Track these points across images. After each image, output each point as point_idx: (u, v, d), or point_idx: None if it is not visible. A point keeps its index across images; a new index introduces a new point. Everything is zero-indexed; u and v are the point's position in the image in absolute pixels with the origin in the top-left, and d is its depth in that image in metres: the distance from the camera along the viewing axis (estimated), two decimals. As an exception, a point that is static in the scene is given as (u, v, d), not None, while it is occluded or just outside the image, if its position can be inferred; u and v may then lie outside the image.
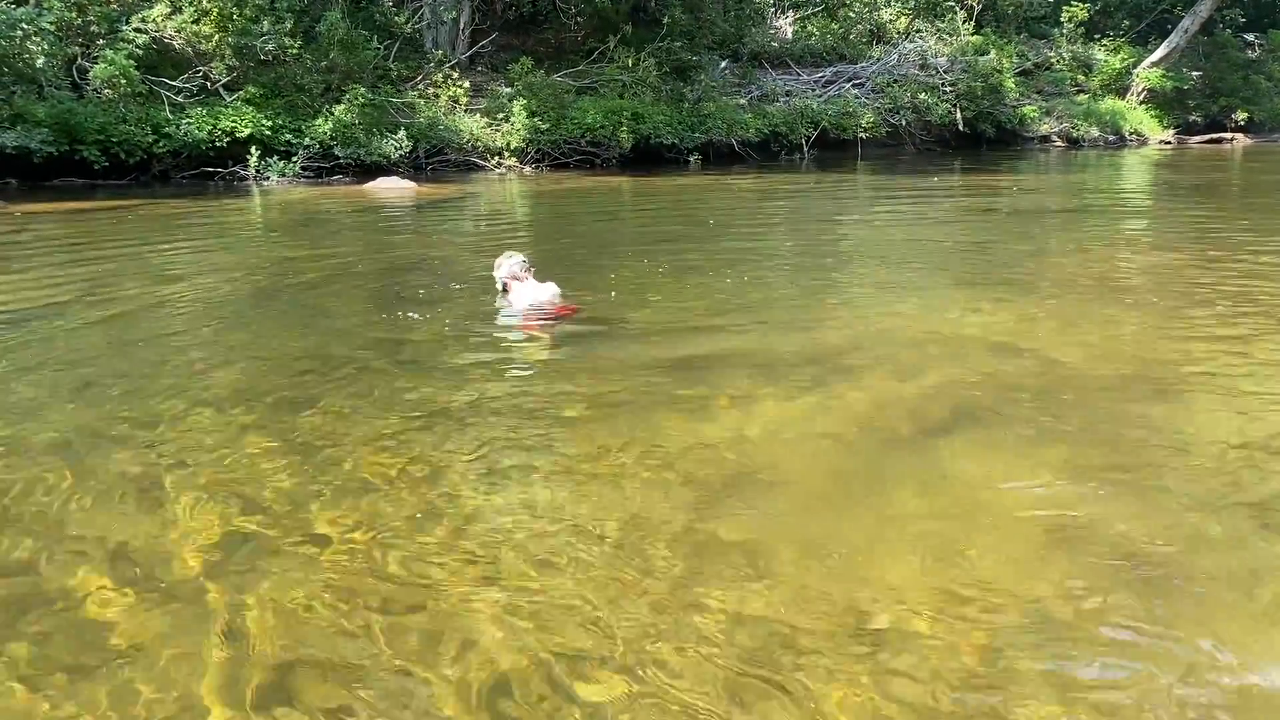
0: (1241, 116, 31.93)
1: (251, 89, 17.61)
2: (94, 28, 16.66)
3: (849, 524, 3.32)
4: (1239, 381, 4.92)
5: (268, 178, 17.22)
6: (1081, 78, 30.51)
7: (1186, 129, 30.91)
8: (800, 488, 3.63)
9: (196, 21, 17.60)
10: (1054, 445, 4.02)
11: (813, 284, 7.89)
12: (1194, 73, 31.03)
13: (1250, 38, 34.08)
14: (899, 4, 29.19)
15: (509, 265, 6.44)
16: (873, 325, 6.22)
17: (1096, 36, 32.13)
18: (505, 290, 6.47)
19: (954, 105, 25.21)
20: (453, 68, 20.45)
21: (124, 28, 16.66)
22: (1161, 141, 29.66)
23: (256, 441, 4.10)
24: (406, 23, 20.74)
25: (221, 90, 17.61)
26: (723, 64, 24.09)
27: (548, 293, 6.35)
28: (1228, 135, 30.90)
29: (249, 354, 5.63)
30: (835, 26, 27.62)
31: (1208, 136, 30.57)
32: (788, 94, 24.19)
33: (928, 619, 2.70)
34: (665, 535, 3.21)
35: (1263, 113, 32.41)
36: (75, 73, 16.52)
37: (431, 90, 19.73)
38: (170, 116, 16.64)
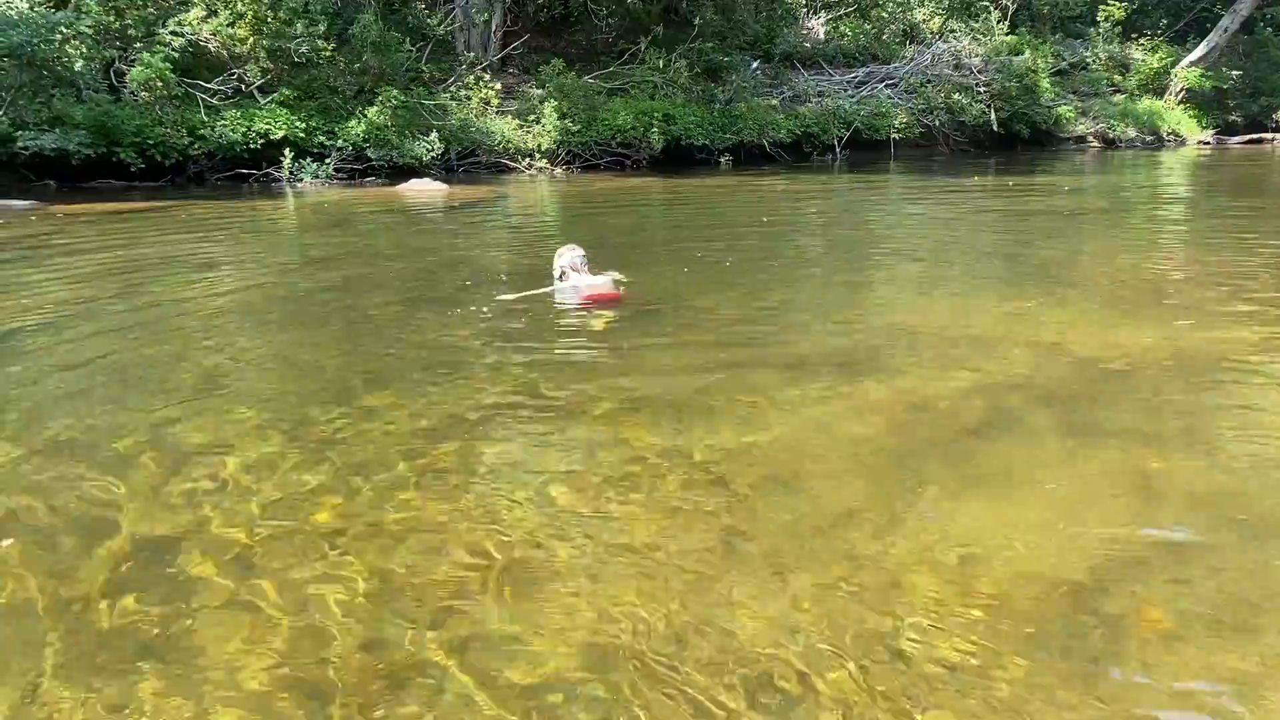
0: (1282, 116, 31.43)
1: (285, 91, 17.74)
2: (131, 31, 16.85)
3: (885, 530, 3.24)
4: (1273, 373, 4.83)
5: (301, 179, 17.34)
6: (1118, 78, 30.12)
7: (1226, 129, 30.42)
8: (836, 492, 3.56)
9: (231, 25, 17.76)
10: (1097, 444, 3.92)
11: (850, 284, 7.82)
12: (1234, 72, 30.53)
13: (1292, 36, 33.50)
14: (933, 4, 28.95)
15: (570, 256, 6.88)
16: (910, 325, 6.13)
17: (1133, 36, 31.71)
18: (562, 277, 6.87)
19: (988, 106, 24.95)
20: (484, 69, 20.50)
21: (161, 31, 16.85)
22: (1200, 142, 29.21)
23: (284, 440, 4.09)
24: (439, 25, 20.81)
25: (256, 93, 17.75)
26: (754, 65, 23.97)
27: (601, 281, 6.78)
28: (1268, 135, 30.37)
29: (280, 352, 5.64)
30: (868, 27, 27.44)
31: (1248, 137, 30.07)
32: (820, 94, 24.03)
33: (966, 636, 2.62)
34: (696, 539, 3.16)
35: (1304, 112, 31.85)
36: (113, 75, 16.72)
37: (463, 92, 19.78)
38: (205, 119, 16.79)
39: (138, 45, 16.71)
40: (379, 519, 3.33)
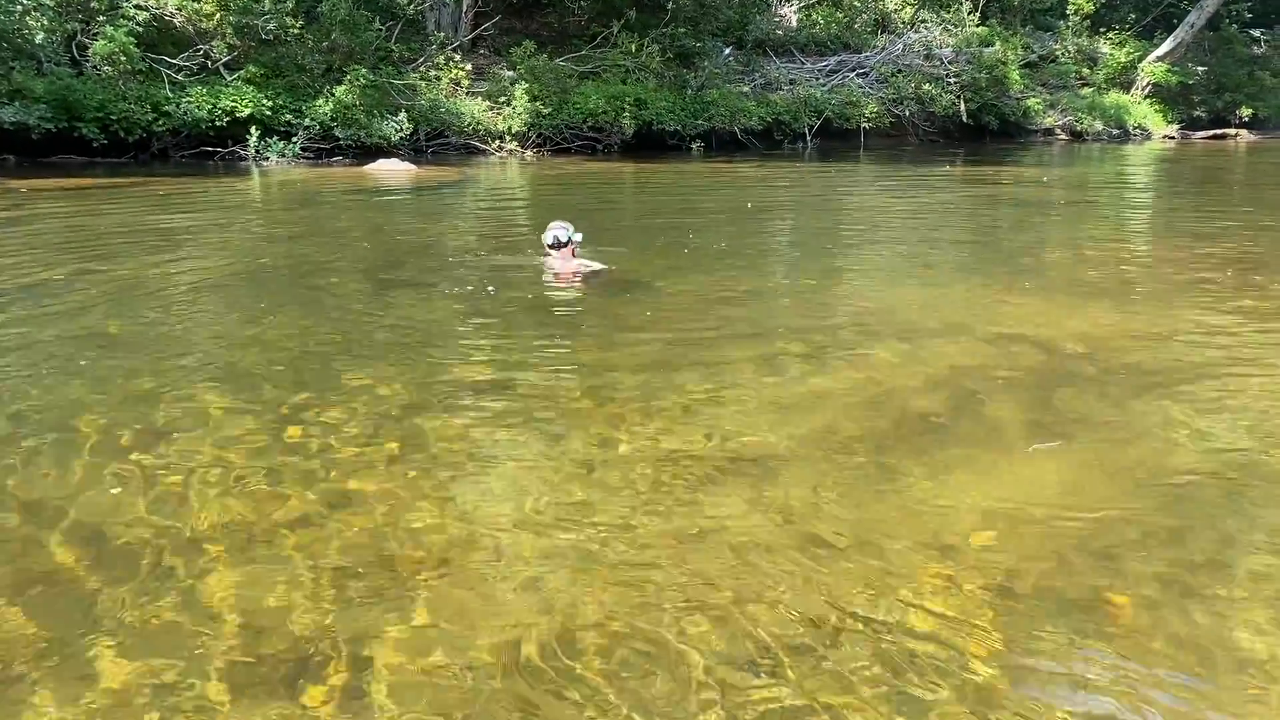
0: (1246, 113, 31.81)
1: (252, 68, 17.49)
2: (94, 4, 16.52)
3: (851, 514, 3.26)
4: (1237, 360, 4.92)
5: (267, 158, 17.12)
6: (1086, 71, 30.35)
7: (1191, 124, 30.76)
8: (803, 474, 3.57)
9: (197, -1, 17.49)
10: (1060, 430, 3.97)
11: (821, 270, 7.85)
12: (1199, 68, 30.88)
13: (1256, 33, 33.92)
14: (904, -7, 29.01)
15: (564, 231, 6.94)
16: (879, 312, 6.18)
17: (1102, 30, 31.96)
18: (555, 246, 6.97)
19: (958, 97, 25.06)
20: (455, 50, 20.30)
21: (124, 4, 16.53)
22: (1165, 136, 29.54)
23: (245, 421, 4.04)
24: (409, 4, 20.56)
25: (222, 69, 17.48)
26: (726, 51, 23.93)
27: (579, 262, 6.95)
28: (1231, 131, 30.76)
29: (243, 331, 5.58)
30: (840, 15, 27.45)
31: (1212, 132, 30.42)
32: (791, 82, 24.03)
33: (934, 618, 2.64)
34: (663, 521, 3.16)
35: (1267, 109, 32.28)
36: (75, 49, 16.39)
37: (433, 72, 19.59)
38: (170, 95, 16.52)
39: (100, 18, 16.38)
40: (339, 503, 3.30)
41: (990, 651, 2.46)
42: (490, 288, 6.55)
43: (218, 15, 17.28)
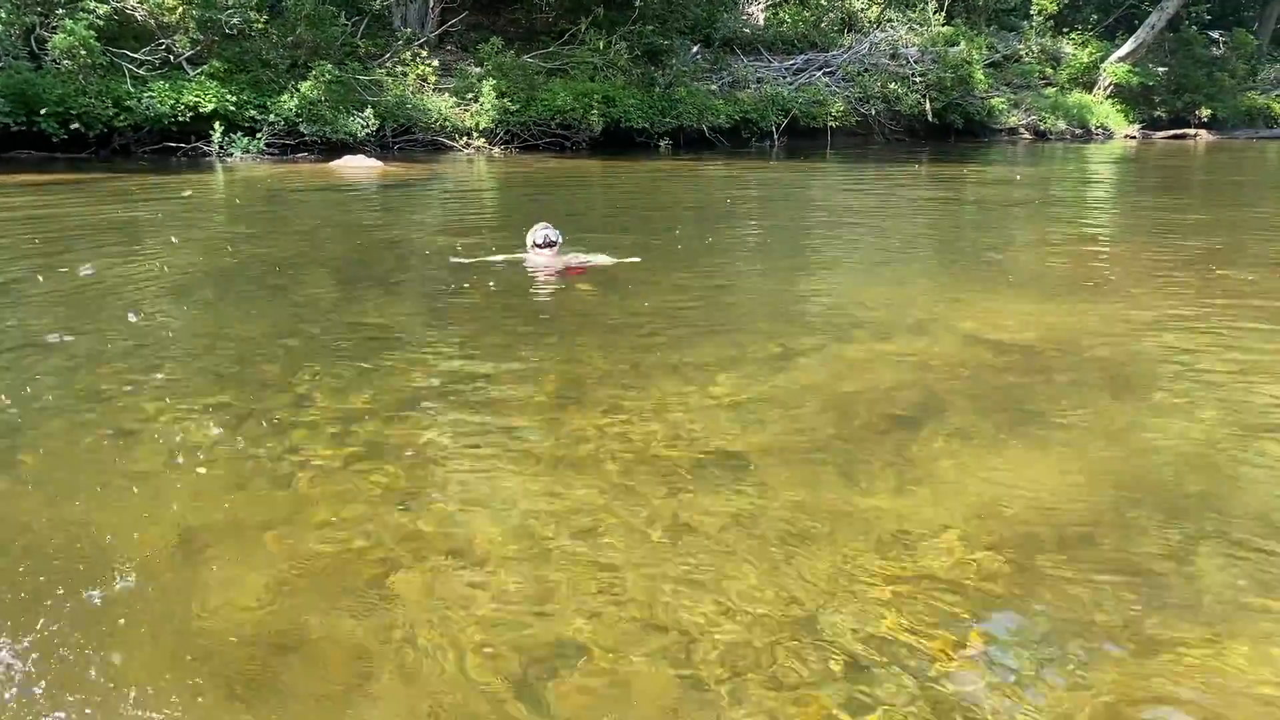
0: (1205, 113, 32.31)
1: (216, 63, 17.28)
2: (53, -4, 16.28)
3: (820, 513, 3.28)
4: (1206, 353, 4.99)
5: (231, 154, 16.94)
6: (1049, 71, 30.72)
7: (1151, 124, 31.23)
8: (773, 474, 3.59)
9: (160, -8, 17.24)
10: (1026, 429, 4.01)
11: (790, 269, 7.88)
12: (1160, 68, 31.35)
13: (1215, 35, 34.49)
14: (871, -7, 29.18)
15: (554, 232, 7.28)
16: (848, 312, 6.21)
17: (1065, 30, 32.35)
18: (546, 245, 7.25)
19: (923, 96, 25.25)
20: (421, 46, 20.19)
21: (84, -3, 16.29)
22: (1127, 136, 29.96)
23: (212, 420, 4.00)
24: (375, -1, 20.45)
25: (185, 64, 17.26)
26: (694, 49, 23.96)
27: (562, 259, 7.24)
28: (1191, 131, 31.24)
29: (209, 333, 5.52)
30: (807, 14, 27.55)
31: (1172, 132, 30.89)
32: (759, 81, 24.11)
33: (900, 618, 2.66)
34: (634, 520, 3.17)
35: (1225, 109, 32.83)
36: (34, 42, 16.12)
37: (400, 68, 19.47)
38: (132, 89, 16.29)
39: (60, 11, 16.12)
40: (308, 503, 3.27)
41: (955, 648, 2.48)
42: (491, 283, 6.56)
43: (180, 9, 17.06)
